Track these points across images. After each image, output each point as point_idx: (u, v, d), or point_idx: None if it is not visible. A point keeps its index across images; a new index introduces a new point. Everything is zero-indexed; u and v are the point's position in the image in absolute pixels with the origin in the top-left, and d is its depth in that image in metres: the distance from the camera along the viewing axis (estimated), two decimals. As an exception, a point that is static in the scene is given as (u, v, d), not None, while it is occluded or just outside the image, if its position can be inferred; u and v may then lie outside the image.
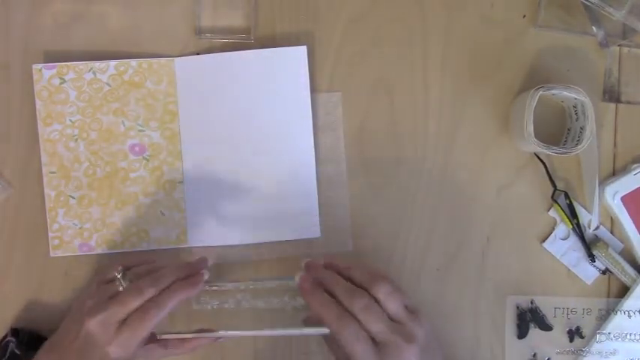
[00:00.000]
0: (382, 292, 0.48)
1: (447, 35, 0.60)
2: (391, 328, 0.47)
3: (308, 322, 0.54)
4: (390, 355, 0.46)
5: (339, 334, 0.47)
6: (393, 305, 0.48)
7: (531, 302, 0.59)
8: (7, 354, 0.54)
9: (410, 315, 0.48)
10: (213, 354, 0.58)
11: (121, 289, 0.49)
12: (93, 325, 0.48)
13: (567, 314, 0.60)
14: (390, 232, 0.59)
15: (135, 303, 0.49)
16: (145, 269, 0.54)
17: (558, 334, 0.60)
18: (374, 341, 0.46)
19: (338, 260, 0.52)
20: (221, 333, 0.52)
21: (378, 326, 0.46)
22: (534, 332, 0.59)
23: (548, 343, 0.60)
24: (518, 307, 0.59)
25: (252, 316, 0.58)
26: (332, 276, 0.50)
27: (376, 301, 0.48)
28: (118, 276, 0.50)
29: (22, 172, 0.58)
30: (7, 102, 0.58)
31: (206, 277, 0.53)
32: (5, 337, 0.55)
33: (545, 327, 0.59)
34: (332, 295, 0.49)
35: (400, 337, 0.46)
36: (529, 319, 0.59)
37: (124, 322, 0.48)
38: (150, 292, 0.49)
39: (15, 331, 0.56)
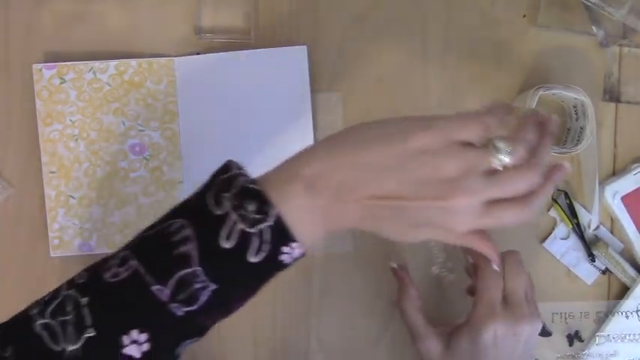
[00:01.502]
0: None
1: (447, 35, 0.60)
2: (525, 297, 0.49)
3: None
4: (513, 315, 0.48)
5: (484, 267, 0.49)
6: (531, 291, 0.51)
7: None
8: None
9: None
10: (213, 354, 0.58)
11: (498, 166, 0.38)
12: (463, 201, 0.37)
13: (565, 319, 0.60)
14: (390, 232, 0.59)
15: (513, 191, 0.39)
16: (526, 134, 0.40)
17: (558, 339, 0.60)
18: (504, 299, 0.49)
19: None
20: None
21: (518, 287, 0.49)
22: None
23: (548, 348, 0.60)
24: None
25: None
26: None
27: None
28: (500, 147, 0.38)
29: (22, 172, 0.58)
30: (7, 102, 0.58)
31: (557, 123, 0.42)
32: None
33: (544, 333, 0.59)
34: None
35: (528, 310, 0.49)
36: None
37: (490, 205, 0.38)
38: (534, 179, 0.39)
39: None
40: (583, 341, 0.60)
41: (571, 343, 0.60)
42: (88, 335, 0.36)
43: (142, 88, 0.58)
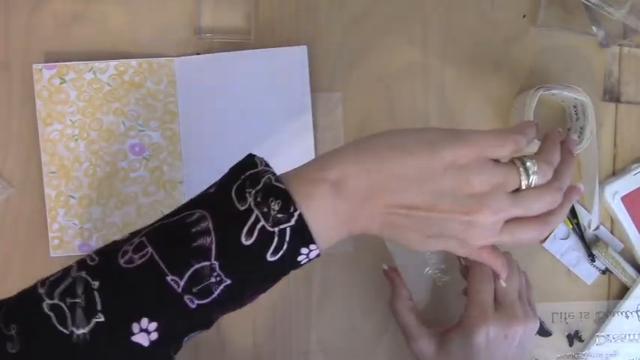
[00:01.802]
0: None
1: (447, 35, 0.60)
2: (517, 299, 0.50)
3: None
4: (505, 317, 0.48)
5: (477, 264, 0.49)
6: (529, 292, 0.53)
7: None
8: None
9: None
10: (213, 353, 0.58)
11: (524, 185, 0.39)
12: (488, 217, 0.38)
13: (565, 319, 0.60)
14: (390, 232, 0.59)
15: (536, 210, 0.40)
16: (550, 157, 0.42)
17: (558, 339, 0.60)
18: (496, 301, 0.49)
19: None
20: None
21: (511, 289, 0.49)
22: (534, 339, 0.59)
23: (548, 348, 0.60)
24: None
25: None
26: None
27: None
28: (529, 167, 0.39)
29: (22, 172, 0.58)
30: (7, 102, 0.58)
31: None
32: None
33: (545, 333, 0.59)
34: None
35: (522, 311, 0.49)
36: None
37: (510, 223, 0.39)
38: (557, 201, 0.40)
39: None
40: (583, 341, 0.60)
41: (571, 343, 0.60)
42: (98, 320, 0.36)
43: (142, 88, 0.58)
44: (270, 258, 0.37)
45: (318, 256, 0.39)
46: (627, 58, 0.60)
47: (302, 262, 0.38)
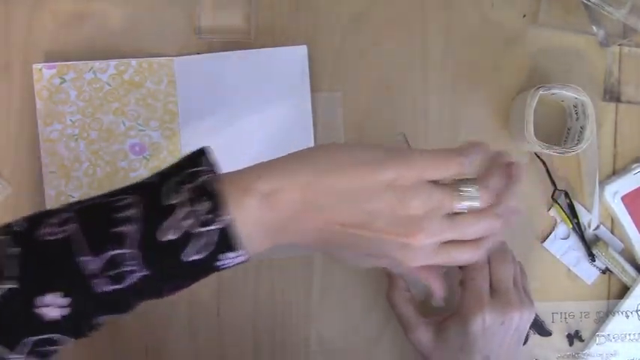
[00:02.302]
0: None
1: (447, 35, 0.60)
2: (513, 286, 0.50)
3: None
4: (500, 304, 0.48)
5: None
6: (524, 279, 0.53)
7: None
8: None
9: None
10: (213, 354, 0.58)
11: (458, 210, 0.39)
12: (422, 240, 0.38)
13: (565, 318, 0.60)
14: (390, 232, 0.59)
15: (471, 235, 0.40)
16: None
17: (558, 339, 0.60)
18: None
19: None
20: None
21: (506, 276, 0.50)
22: (534, 338, 0.59)
23: (548, 348, 0.60)
24: None
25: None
26: None
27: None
28: (466, 191, 0.39)
29: (22, 172, 0.58)
30: (7, 102, 0.58)
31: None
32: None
33: (545, 333, 0.59)
34: None
35: (517, 298, 0.49)
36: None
37: (445, 245, 0.40)
38: (495, 227, 0.40)
39: None
40: (583, 341, 0.60)
41: (571, 343, 0.60)
42: (11, 286, 0.36)
43: (142, 88, 0.58)
44: (185, 258, 0.36)
45: (245, 261, 0.39)
46: (627, 58, 0.60)
47: (223, 267, 0.38)
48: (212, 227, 0.36)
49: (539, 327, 0.59)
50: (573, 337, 0.60)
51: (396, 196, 0.38)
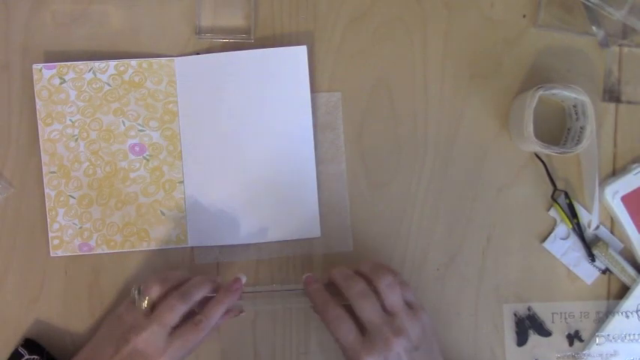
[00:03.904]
0: (383, 283, 0.49)
1: (447, 35, 0.60)
2: (382, 319, 0.48)
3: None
4: (376, 345, 0.47)
5: (324, 319, 0.49)
6: (392, 297, 0.49)
7: (529, 309, 0.59)
8: None
9: (407, 309, 0.49)
10: (214, 353, 0.58)
11: (144, 307, 0.51)
12: (141, 341, 0.48)
13: (565, 318, 0.60)
14: (390, 232, 0.59)
15: (173, 318, 0.49)
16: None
17: (558, 339, 0.60)
18: (364, 329, 0.48)
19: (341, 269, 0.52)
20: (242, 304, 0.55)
21: (369, 314, 0.48)
22: (534, 338, 0.59)
23: (548, 348, 0.60)
24: (515, 315, 0.59)
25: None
26: (337, 268, 0.52)
27: (376, 291, 0.49)
28: (143, 301, 0.51)
29: (22, 172, 0.58)
30: (7, 102, 0.58)
31: (244, 280, 0.54)
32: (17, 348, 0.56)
33: (545, 333, 0.59)
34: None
35: (389, 329, 0.47)
36: (528, 326, 0.59)
37: (174, 334, 0.49)
38: (181, 309, 0.50)
39: (27, 342, 0.56)
40: (583, 341, 0.60)
41: (571, 343, 0.60)
42: None
43: (142, 88, 0.58)
44: None
45: None
46: (627, 58, 0.60)
47: None
48: None
49: (539, 327, 0.59)
50: (573, 337, 0.60)
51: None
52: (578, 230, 0.59)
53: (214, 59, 0.58)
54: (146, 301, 0.50)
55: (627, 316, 0.59)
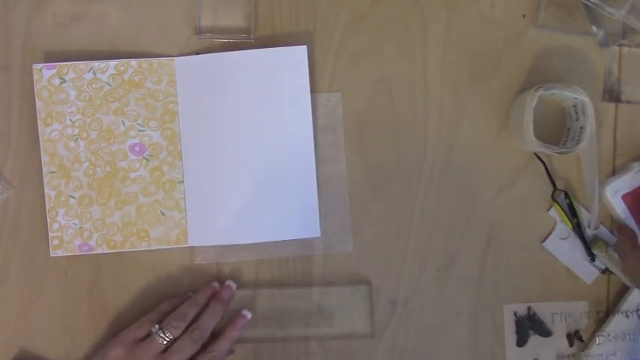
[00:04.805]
0: None
1: (447, 35, 0.60)
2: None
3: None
4: None
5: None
6: None
7: (529, 309, 0.59)
8: None
9: None
10: (214, 354, 0.58)
11: (162, 342, 0.52)
12: None
13: (565, 318, 0.60)
14: (390, 232, 0.59)
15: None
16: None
17: (558, 339, 0.60)
18: None
19: None
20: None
21: None
22: (534, 339, 0.59)
23: (548, 348, 0.60)
24: (515, 315, 0.59)
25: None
26: None
27: None
28: (155, 331, 0.53)
29: (22, 172, 0.58)
30: (7, 102, 0.58)
31: (234, 287, 0.57)
32: None
33: (545, 333, 0.59)
34: None
35: None
36: (528, 326, 0.59)
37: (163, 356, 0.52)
38: (192, 349, 0.53)
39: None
40: (583, 341, 0.60)
41: (571, 343, 0.60)
42: None
43: (142, 88, 0.58)
44: None
45: None
46: (627, 58, 0.60)
47: None
48: None
49: (539, 327, 0.59)
50: (573, 337, 0.60)
51: None
52: (578, 230, 0.59)
53: (214, 59, 0.58)
54: (167, 341, 0.52)
55: (627, 316, 0.59)
